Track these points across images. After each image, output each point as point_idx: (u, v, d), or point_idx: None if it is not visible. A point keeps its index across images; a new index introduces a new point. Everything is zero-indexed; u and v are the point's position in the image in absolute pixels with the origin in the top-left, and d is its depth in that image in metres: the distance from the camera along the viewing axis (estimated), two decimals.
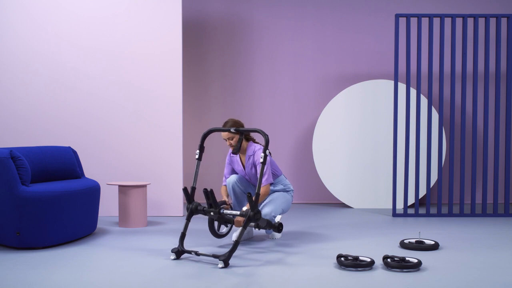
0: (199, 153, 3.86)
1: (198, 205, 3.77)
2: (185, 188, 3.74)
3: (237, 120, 4.13)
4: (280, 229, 3.86)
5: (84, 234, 4.26)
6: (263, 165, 3.60)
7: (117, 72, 5.39)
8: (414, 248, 3.90)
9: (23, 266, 3.39)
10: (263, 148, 3.67)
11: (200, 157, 3.86)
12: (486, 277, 3.17)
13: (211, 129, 3.90)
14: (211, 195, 3.76)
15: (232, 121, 4.11)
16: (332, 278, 3.13)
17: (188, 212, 3.75)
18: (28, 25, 5.32)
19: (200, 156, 3.86)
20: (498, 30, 5.48)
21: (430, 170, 5.51)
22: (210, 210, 3.76)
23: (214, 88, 6.50)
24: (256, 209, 3.57)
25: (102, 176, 5.37)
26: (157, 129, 5.42)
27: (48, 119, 5.35)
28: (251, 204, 3.54)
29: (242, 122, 4.15)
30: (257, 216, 3.58)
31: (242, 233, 3.52)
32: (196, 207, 3.76)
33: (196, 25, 6.46)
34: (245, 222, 3.54)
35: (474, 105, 5.54)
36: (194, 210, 3.75)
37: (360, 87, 6.11)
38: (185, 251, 3.61)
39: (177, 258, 3.60)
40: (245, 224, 3.54)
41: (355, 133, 6.12)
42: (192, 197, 3.79)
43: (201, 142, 3.88)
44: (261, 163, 3.61)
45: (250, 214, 3.55)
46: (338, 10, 6.50)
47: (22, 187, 3.81)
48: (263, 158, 3.61)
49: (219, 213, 3.75)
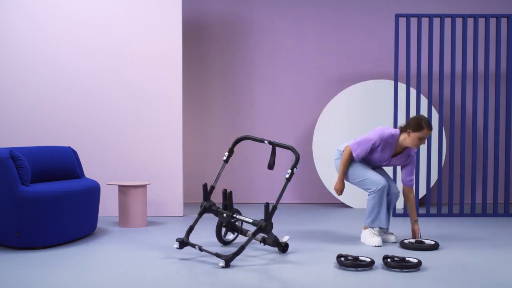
0: (228, 156, 3.87)
1: (213, 205, 3.78)
2: (205, 184, 3.77)
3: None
4: (285, 249, 3.80)
5: (84, 234, 4.25)
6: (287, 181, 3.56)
7: (117, 72, 5.39)
8: (414, 248, 3.90)
9: (23, 266, 3.39)
10: (292, 165, 3.60)
11: (228, 159, 3.87)
12: (486, 277, 3.17)
13: (246, 136, 3.87)
14: (229, 197, 3.76)
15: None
16: (332, 278, 3.13)
17: (201, 208, 3.77)
18: (28, 25, 5.32)
19: (228, 159, 3.87)
20: (498, 30, 5.48)
21: (430, 170, 5.51)
22: (223, 212, 3.76)
23: (214, 88, 6.50)
24: (269, 220, 3.50)
25: (102, 176, 5.37)
26: (157, 129, 5.42)
27: (48, 119, 5.35)
28: (266, 215, 3.48)
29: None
30: (267, 229, 3.50)
31: (250, 240, 3.49)
32: (210, 206, 3.77)
33: (196, 25, 6.46)
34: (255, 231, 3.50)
35: (474, 105, 5.54)
36: (207, 208, 3.77)
37: (360, 87, 6.12)
38: (189, 243, 3.62)
39: (180, 248, 3.62)
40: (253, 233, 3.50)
41: (355, 133, 6.11)
42: (210, 195, 3.81)
43: (232, 146, 3.88)
44: (286, 178, 3.58)
45: (262, 225, 3.48)
46: (338, 10, 6.50)
47: (22, 187, 3.81)
48: (289, 175, 3.56)
49: (232, 217, 3.75)
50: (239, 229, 3.96)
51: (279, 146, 3.72)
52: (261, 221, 3.51)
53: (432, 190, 6.47)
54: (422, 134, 3.94)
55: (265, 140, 3.74)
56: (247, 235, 3.84)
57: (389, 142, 4.05)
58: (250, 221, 3.60)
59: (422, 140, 3.98)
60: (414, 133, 3.97)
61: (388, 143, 4.05)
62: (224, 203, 3.80)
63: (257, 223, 3.52)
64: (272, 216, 3.49)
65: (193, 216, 5.42)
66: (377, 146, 4.06)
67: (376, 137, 4.04)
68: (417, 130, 3.95)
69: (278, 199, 3.48)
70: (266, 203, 3.48)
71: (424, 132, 3.94)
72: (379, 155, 4.10)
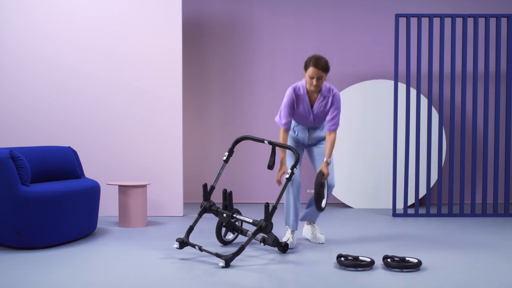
0: (228, 156, 3.86)
1: (213, 205, 3.78)
2: (205, 184, 3.76)
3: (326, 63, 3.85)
4: (285, 249, 3.79)
5: (84, 234, 4.25)
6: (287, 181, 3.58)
7: (117, 72, 5.39)
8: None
9: (23, 266, 3.39)
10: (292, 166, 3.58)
11: (228, 159, 3.86)
12: (486, 277, 3.17)
13: (246, 136, 3.86)
14: (229, 197, 3.76)
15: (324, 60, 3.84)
16: (332, 278, 3.13)
17: (201, 208, 3.77)
18: (28, 25, 5.32)
19: (228, 159, 3.86)
20: (498, 30, 5.48)
21: (430, 170, 5.51)
22: (223, 212, 3.76)
23: (214, 88, 6.50)
24: (269, 220, 3.50)
25: (102, 176, 5.38)
26: (157, 129, 5.42)
27: (48, 119, 5.35)
28: (266, 215, 3.49)
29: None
30: (267, 229, 3.51)
31: (250, 240, 3.49)
32: (210, 206, 3.77)
33: (196, 25, 6.46)
34: (255, 231, 3.50)
35: (474, 105, 5.54)
36: (207, 208, 3.77)
37: (360, 87, 6.12)
38: (189, 243, 3.62)
39: (180, 248, 3.62)
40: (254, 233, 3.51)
41: (355, 133, 6.12)
42: (210, 195, 3.81)
43: (232, 146, 3.87)
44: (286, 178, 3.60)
45: (262, 225, 3.49)
46: (338, 10, 6.50)
47: (22, 187, 3.81)
48: (289, 175, 3.59)
49: (232, 217, 3.75)
50: (239, 229, 3.96)
51: (279, 146, 3.72)
52: (261, 221, 3.51)
53: (432, 190, 6.47)
54: (309, 72, 3.81)
55: (265, 140, 3.74)
56: (247, 235, 3.84)
57: (299, 94, 3.94)
58: (250, 221, 3.60)
59: (312, 79, 3.80)
60: (305, 72, 3.87)
61: (299, 95, 3.95)
62: (224, 203, 3.81)
63: (257, 223, 3.52)
64: (272, 216, 3.50)
65: (193, 216, 5.42)
66: (293, 103, 3.95)
67: (287, 96, 3.96)
68: (305, 69, 3.87)
69: (278, 199, 3.47)
70: (266, 203, 3.48)
71: (310, 70, 3.79)
72: (301, 111, 3.97)
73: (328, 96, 3.94)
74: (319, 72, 3.79)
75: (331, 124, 3.94)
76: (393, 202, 5.49)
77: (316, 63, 3.79)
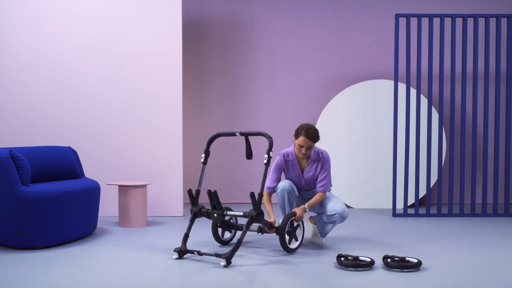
0: (205, 157, 3.84)
1: (202, 208, 3.78)
2: (190, 190, 3.74)
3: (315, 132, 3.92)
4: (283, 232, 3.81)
5: (84, 234, 4.25)
6: (266, 166, 3.60)
7: (117, 72, 5.39)
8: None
9: (23, 266, 3.39)
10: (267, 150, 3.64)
11: (206, 161, 3.85)
12: (486, 277, 3.17)
13: (218, 133, 3.87)
14: (214, 196, 3.77)
15: (315, 130, 3.89)
16: (332, 278, 3.13)
17: (192, 214, 3.76)
18: (28, 25, 5.32)
19: (206, 160, 3.85)
20: (498, 30, 5.48)
21: (430, 170, 5.51)
22: (213, 212, 3.77)
23: (214, 88, 6.50)
24: (259, 209, 3.55)
25: (102, 176, 5.37)
26: (157, 129, 5.42)
27: (48, 119, 5.35)
28: (254, 204, 3.53)
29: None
30: (259, 217, 3.56)
31: (245, 233, 3.52)
32: (200, 210, 3.77)
33: (196, 25, 6.46)
34: (247, 223, 3.54)
35: (474, 105, 5.54)
36: (198, 213, 3.76)
37: (360, 87, 6.11)
38: (187, 250, 3.62)
39: (180, 258, 3.61)
40: (246, 224, 3.54)
41: (355, 133, 6.11)
42: (197, 199, 3.80)
43: (206, 147, 3.87)
44: (265, 164, 3.61)
45: (253, 214, 3.55)
46: (338, 10, 6.50)
47: (22, 187, 3.81)
48: (266, 159, 3.61)
49: (223, 215, 3.76)
50: (234, 225, 3.98)
51: (251, 134, 3.78)
52: (251, 211, 3.56)
53: (432, 190, 6.47)
54: (299, 141, 3.85)
55: (237, 133, 3.80)
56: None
57: (288, 160, 4.04)
58: (241, 214, 3.66)
59: (301, 147, 3.85)
60: (295, 140, 3.92)
61: (288, 161, 4.04)
62: (212, 204, 3.81)
63: (247, 214, 3.57)
64: (260, 203, 3.54)
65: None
66: (282, 168, 4.04)
67: (276, 161, 4.05)
68: (296, 137, 3.90)
69: (262, 186, 3.53)
70: (252, 192, 3.53)
71: (300, 139, 3.83)
72: (292, 176, 4.07)
73: (318, 160, 4.02)
74: (309, 142, 3.85)
75: (321, 185, 3.98)
76: (393, 202, 5.49)
77: (307, 133, 3.84)
